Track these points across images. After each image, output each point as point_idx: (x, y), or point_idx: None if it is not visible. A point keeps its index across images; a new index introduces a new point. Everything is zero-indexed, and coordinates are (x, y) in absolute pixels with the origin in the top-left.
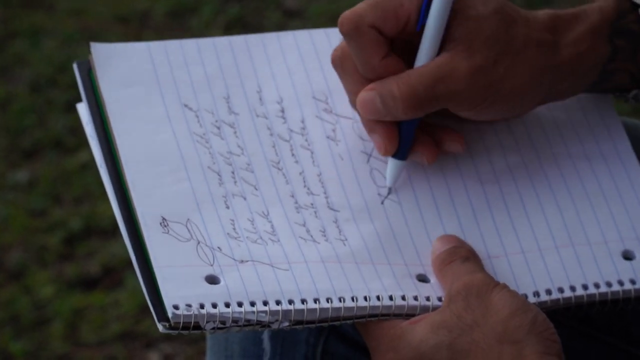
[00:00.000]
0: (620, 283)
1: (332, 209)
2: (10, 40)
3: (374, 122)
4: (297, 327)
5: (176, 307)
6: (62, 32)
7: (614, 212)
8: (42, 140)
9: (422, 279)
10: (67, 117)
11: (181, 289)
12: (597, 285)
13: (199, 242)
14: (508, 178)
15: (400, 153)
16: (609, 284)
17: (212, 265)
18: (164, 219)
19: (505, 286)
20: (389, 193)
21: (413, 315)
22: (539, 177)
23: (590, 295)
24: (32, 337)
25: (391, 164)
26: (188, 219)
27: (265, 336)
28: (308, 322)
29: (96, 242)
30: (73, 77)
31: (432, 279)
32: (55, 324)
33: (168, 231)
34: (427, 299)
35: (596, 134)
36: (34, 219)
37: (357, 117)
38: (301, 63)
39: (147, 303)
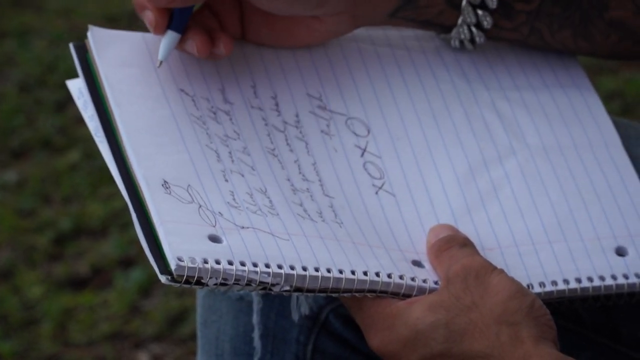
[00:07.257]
0: (614, 278)
1: (327, 195)
2: None
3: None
4: (296, 293)
5: (180, 259)
6: (51, 32)
7: (606, 209)
8: (31, 140)
9: (417, 264)
10: (56, 117)
11: (185, 243)
12: (590, 279)
13: (200, 206)
14: (499, 170)
15: (175, 25)
16: (602, 278)
17: (214, 227)
18: (165, 181)
19: (503, 270)
20: (159, 65)
21: (410, 296)
22: (529, 171)
23: (583, 289)
24: (21, 337)
25: (167, 36)
26: (189, 185)
27: (256, 335)
28: (309, 290)
29: (85, 242)
30: (62, 77)
31: (427, 265)
32: (44, 324)
33: (170, 192)
34: (424, 281)
35: (587, 130)
36: (23, 219)
37: (351, 114)
38: (294, 62)
39: (136, 303)
